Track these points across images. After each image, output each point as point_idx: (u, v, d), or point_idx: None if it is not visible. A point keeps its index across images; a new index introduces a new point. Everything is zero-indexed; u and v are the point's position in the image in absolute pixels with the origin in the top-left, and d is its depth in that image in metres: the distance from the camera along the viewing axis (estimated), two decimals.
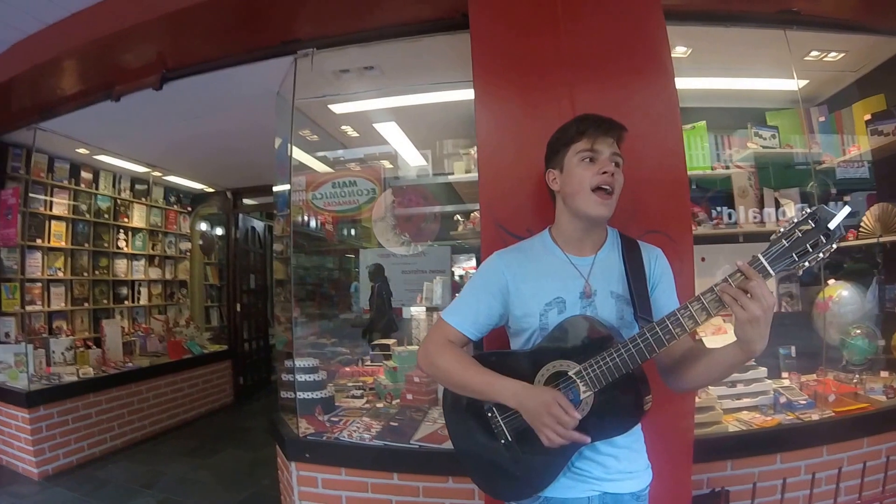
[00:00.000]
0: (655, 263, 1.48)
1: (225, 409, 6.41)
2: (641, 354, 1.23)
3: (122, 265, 6.06)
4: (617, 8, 2.11)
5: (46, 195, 5.09)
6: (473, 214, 3.22)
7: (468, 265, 3.40)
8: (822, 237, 1.08)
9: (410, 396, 2.96)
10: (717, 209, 3.02)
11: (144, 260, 6.37)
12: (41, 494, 3.84)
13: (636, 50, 2.09)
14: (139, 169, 5.97)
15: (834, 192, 3.12)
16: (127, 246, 6.11)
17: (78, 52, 3.20)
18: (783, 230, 1.12)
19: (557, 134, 1.49)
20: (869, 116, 3.09)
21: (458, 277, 3.38)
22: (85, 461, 4.44)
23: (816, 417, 2.51)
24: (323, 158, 3.68)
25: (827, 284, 3.06)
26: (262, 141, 3.55)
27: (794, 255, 1.10)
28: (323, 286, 4.61)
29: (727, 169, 3.13)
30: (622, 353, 1.24)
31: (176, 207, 6.89)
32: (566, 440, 1.24)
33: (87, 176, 5.57)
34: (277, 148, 3.37)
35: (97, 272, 5.71)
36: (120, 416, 4.83)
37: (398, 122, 3.56)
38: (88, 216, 5.59)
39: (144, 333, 5.86)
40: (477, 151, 2.16)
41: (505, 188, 2.04)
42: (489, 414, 1.41)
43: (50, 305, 5.13)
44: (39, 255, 5.01)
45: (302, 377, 3.01)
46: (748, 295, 1.10)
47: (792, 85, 3.09)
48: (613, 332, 1.33)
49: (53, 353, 4.72)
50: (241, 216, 7.16)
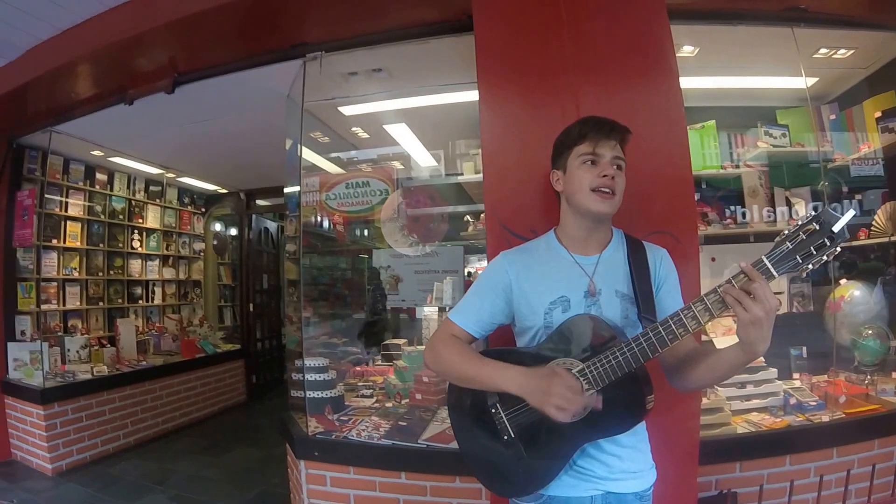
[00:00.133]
0: (661, 264, 1.48)
1: (237, 407, 6.45)
2: (644, 354, 1.23)
3: (136, 265, 6.13)
4: (621, 9, 2.11)
5: (62, 196, 5.16)
6: (483, 215, 3.22)
7: (481, 266, 3.40)
8: (826, 239, 1.09)
9: (419, 396, 2.96)
10: (731, 208, 3.00)
11: (158, 260, 6.44)
12: (54, 490, 3.89)
13: (640, 50, 2.08)
14: (153, 170, 6.03)
15: (845, 190, 3.07)
16: (141, 246, 6.18)
17: (91, 57, 3.24)
18: (787, 232, 1.12)
19: (561, 136, 1.51)
20: (879, 114, 3.04)
21: (469, 277, 3.38)
22: (98, 458, 4.49)
23: (826, 419, 2.48)
24: (336, 160, 3.69)
25: (839, 284, 3.03)
26: (273, 143, 3.57)
27: (797, 257, 1.10)
28: (336, 286, 4.62)
29: (737, 168, 3.10)
30: (625, 352, 1.25)
31: (190, 208, 6.95)
32: (577, 408, 1.24)
33: (101, 177, 5.64)
34: (288, 150, 3.39)
35: (112, 272, 5.78)
36: (133, 413, 4.88)
37: (408, 123, 3.56)
38: (103, 217, 5.66)
39: (158, 332, 5.91)
40: (481, 153, 2.17)
41: (509, 190, 2.05)
42: (493, 410, 1.43)
43: (65, 304, 5.19)
44: (55, 255, 5.08)
45: (311, 376, 3.02)
46: (751, 296, 1.11)
47: (801, 83, 3.05)
48: (617, 331, 1.34)
49: (68, 351, 4.78)
50: (254, 217, 7.20)
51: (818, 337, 3.02)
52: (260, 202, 7.21)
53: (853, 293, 2.97)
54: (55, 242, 5.08)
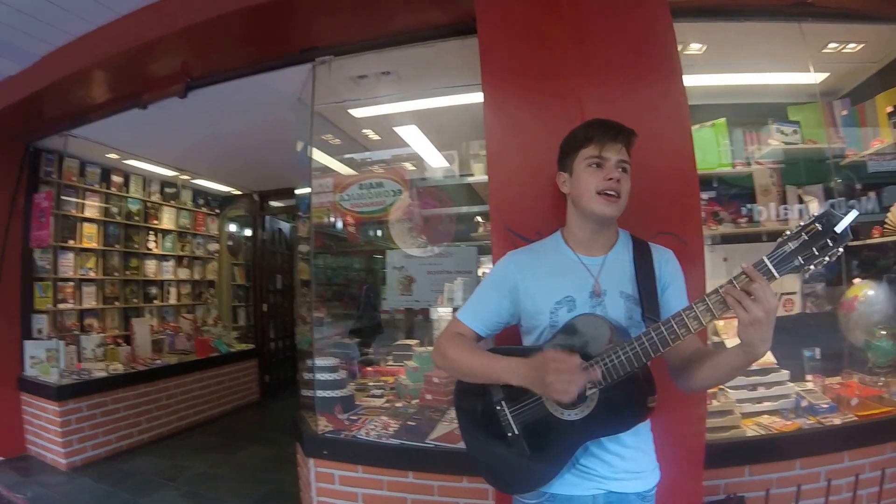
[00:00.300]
0: (666, 265, 1.49)
1: (250, 406, 6.51)
2: (646, 353, 1.24)
3: (151, 266, 6.21)
4: (624, 11, 2.10)
5: (78, 198, 5.25)
6: None
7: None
8: (828, 240, 1.08)
9: (429, 396, 2.96)
10: (747, 206, 2.96)
11: (173, 260, 6.51)
12: (68, 485, 3.95)
13: (644, 52, 2.07)
14: (168, 172, 6.11)
15: (859, 187, 3.02)
16: (157, 247, 6.25)
17: (105, 63, 3.30)
18: (789, 233, 1.12)
19: (567, 138, 1.52)
20: (891, 108, 2.98)
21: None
22: (112, 454, 4.55)
23: (838, 422, 2.43)
24: (349, 160, 3.69)
25: (852, 284, 2.97)
26: (285, 145, 3.60)
27: (799, 258, 1.10)
28: (351, 286, 4.65)
29: (748, 166, 3.05)
30: (627, 351, 1.25)
31: (204, 210, 7.02)
32: (579, 385, 1.23)
33: (117, 179, 5.73)
34: (299, 152, 3.41)
35: (128, 272, 5.87)
36: (147, 411, 4.94)
37: (419, 124, 3.57)
38: (119, 218, 5.74)
39: (173, 332, 5.98)
40: (487, 156, 2.18)
41: (514, 192, 2.05)
42: (497, 408, 1.45)
43: (82, 304, 5.28)
44: (72, 255, 5.17)
45: (322, 376, 3.04)
46: (751, 297, 1.11)
47: (810, 78, 3.01)
48: (620, 330, 1.35)
49: (84, 349, 4.86)
50: (267, 218, 7.26)
51: (832, 338, 2.95)
52: (273, 203, 7.24)
53: (867, 293, 2.89)
54: (72, 243, 5.17)
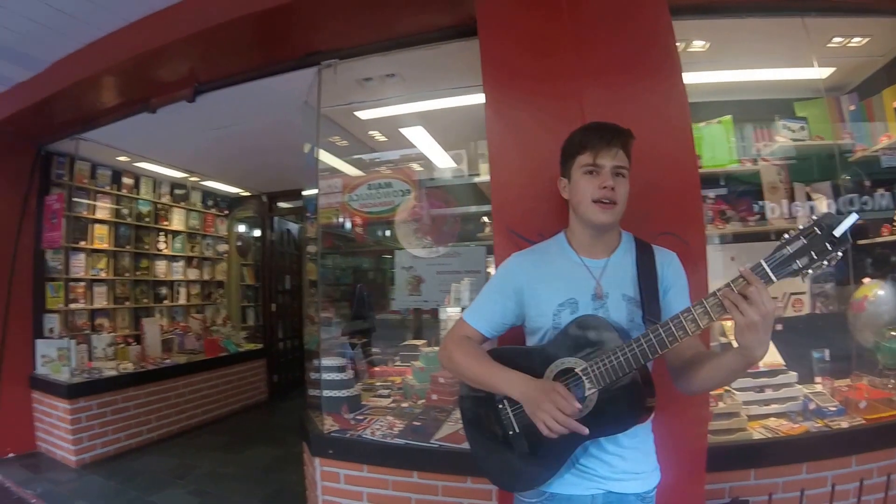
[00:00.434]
0: (668, 267, 1.49)
1: (259, 406, 6.53)
2: (644, 355, 1.25)
3: (161, 266, 6.27)
4: (624, 13, 2.10)
5: (90, 200, 5.31)
6: None
7: None
8: (827, 244, 1.08)
9: (435, 397, 2.96)
10: (759, 203, 2.93)
11: (183, 261, 6.57)
12: (77, 481, 3.99)
13: (644, 54, 2.07)
14: (178, 174, 6.16)
15: (868, 184, 2.94)
16: (167, 248, 6.31)
17: (114, 69, 3.33)
18: (788, 236, 1.13)
19: (566, 143, 1.52)
20: None
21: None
22: (121, 452, 4.59)
23: (846, 425, 2.39)
24: (358, 161, 3.69)
25: (862, 283, 2.91)
26: (293, 147, 3.61)
27: (797, 262, 1.11)
28: (359, 287, 4.65)
29: (755, 164, 3.01)
30: (626, 352, 1.26)
31: (213, 211, 7.08)
32: (564, 428, 1.26)
33: (128, 181, 5.79)
34: (307, 154, 3.42)
35: (138, 273, 5.93)
36: (157, 409, 4.98)
37: (425, 125, 3.56)
38: (130, 220, 5.81)
39: (182, 331, 6.02)
40: (488, 158, 2.18)
41: (516, 194, 2.06)
42: (500, 406, 1.46)
43: (93, 304, 5.34)
44: (83, 256, 5.24)
45: (328, 376, 3.05)
46: (748, 301, 1.11)
47: (816, 74, 2.96)
48: (621, 332, 1.35)
49: (95, 348, 4.92)
50: (276, 219, 7.30)
51: (842, 339, 2.90)
52: (282, 204, 7.28)
53: (877, 293, 2.84)
54: (83, 244, 5.24)
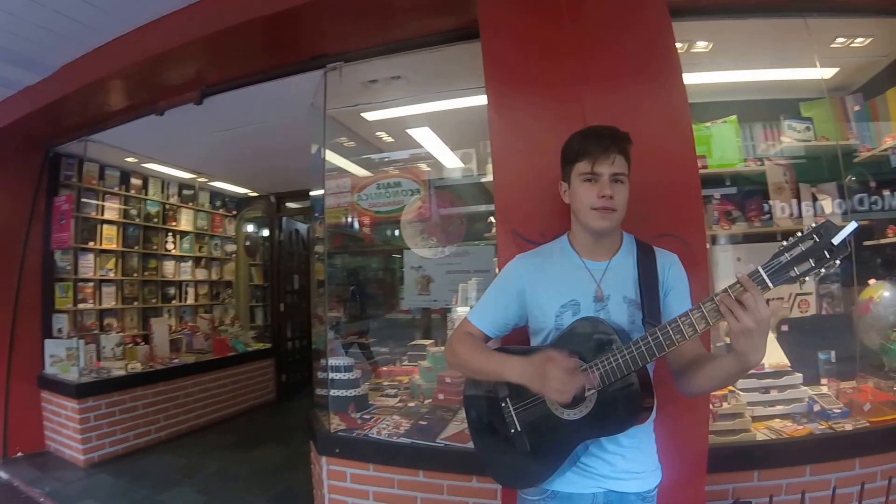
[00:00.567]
0: (669, 270, 1.50)
1: (267, 405, 6.55)
2: (642, 357, 1.26)
3: (170, 266, 6.30)
4: (625, 17, 2.10)
5: (98, 201, 5.35)
6: None
7: None
8: (825, 252, 1.09)
9: (442, 396, 2.98)
10: (768, 203, 2.93)
11: (191, 261, 6.60)
12: (86, 480, 4.03)
13: (645, 56, 2.07)
14: (186, 175, 6.20)
15: (873, 184, 2.93)
16: (175, 248, 6.34)
17: (122, 72, 3.37)
18: (786, 243, 1.13)
19: (565, 147, 1.53)
20: None
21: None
22: (129, 451, 4.62)
23: (850, 427, 2.38)
24: (366, 161, 3.69)
25: (867, 285, 2.90)
26: (300, 148, 3.62)
27: (795, 269, 1.11)
28: (369, 286, 4.67)
29: (761, 164, 3.01)
30: (625, 354, 1.28)
31: (221, 211, 7.11)
32: (574, 388, 1.28)
33: (136, 182, 5.83)
34: (314, 154, 3.43)
35: (146, 273, 5.96)
36: (165, 409, 5.01)
37: (431, 126, 3.58)
38: (138, 220, 5.84)
39: (191, 331, 6.04)
40: (491, 160, 2.19)
41: (519, 195, 2.07)
42: (502, 405, 1.49)
43: (101, 304, 5.37)
44: (92, 256, 5.27)
45: (336, 375, 3.06)
46: (743, 307, 1.12)
47: (820, 74, 2.95)
48: (620, 334, 1.37)
49: (103, 348, 4.97)
50: (284, 219, 7.31)
51: (848, 340, 2.89)
52: (290, 205, 7.30)
53: (883, 294, 2.83)
54: (92, 245, 5.28)
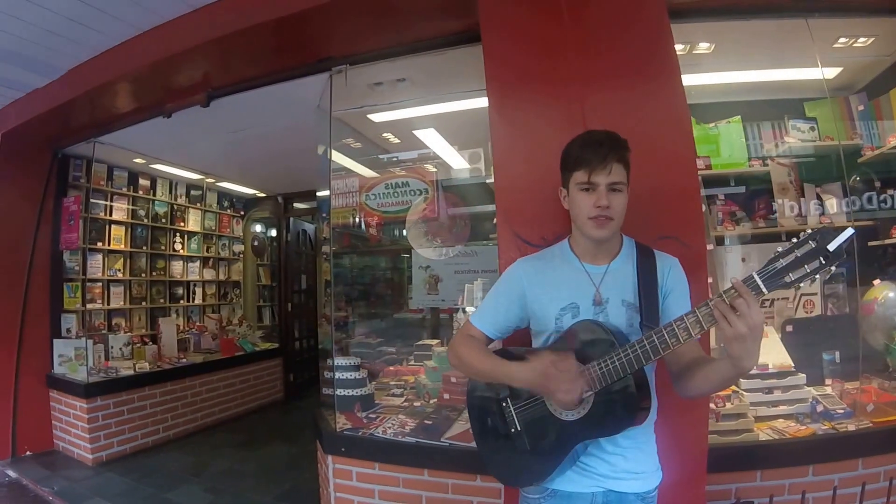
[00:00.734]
0: (669, 273, 1.51)
1: (275, 404, 6.58)
2: (638, 360, 1.28)
3: (178, 266, 6.33)
4: (625, 18, 2.11)
5: (107, 201, 5.40)
6: None
7: None
8: (821, 258, 1.10)
9: (447, 396, 2.99)
10: (778, 202, 2.93)
11: (199, 262, 6.64)
12: (94, 479, 4.07)
13: (644, 58, 2.08)
14: (193, 176, 6.23)
15: (878, 184, 2.93)
16: (183, 248, 6.37)
17: (129, 75, 3.41)
18: (781, 249, 1.14)
19: (563, 154, 1.53)
20: None
21: None
22: (137, 450, 4.66)
23: (853, 428, 2.38)
24: (373, 162, 3.70)
25: (872, 285, 2.89)
26: (307, 149, 3.64)
27: (790, 275, 1.12)
28: (376, 286, 4.67)
29: (765, 165, 3.01)
30: (622, 357, 1.29)
31: (229, 212, 7.14)
32: (580, 389, 1.31)
33: (144, 183, 5.86)
34: (320, 155, 3.45)
35: (154, 273, 6.00)
36: (173, 408, 5.05)
37: (437, 127, 3.57)
38: (146, 221, 5.87)
39: (198, 331, 6.09)
40: (493, 163, 2.20)
41: (520, 198, 2.08)
42: (503, 404, 1.52)
43: (109, 304, 5.41)
44: (100, 257, 5.31)
45: (342, 375, 3.08)
46: (736, 312, 1.13)
47: (823, 74, 2.93)
48: (618, 337, 1.38)
49: (112, 348, 5.00)
50: (291, 219, 7.33)
51: (853, 341, 2.87)
52: (297, 205, 7.32)
53: (887, 294, 2.83)
54: (100, 245, 5.32)
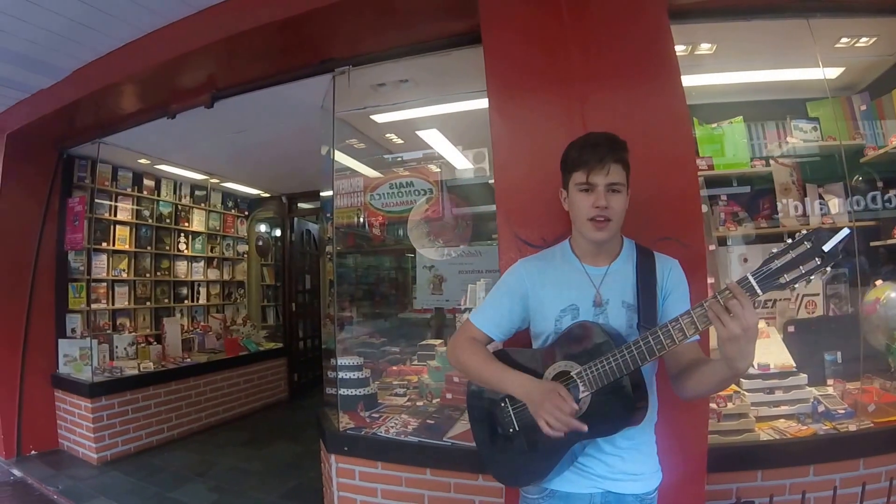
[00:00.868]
0: (669, 275, 1.51)
1: (279, 404, 6.59)
2: (634, 361, 1.29)
3: (182, 267, 6.37)
4: (624, 19, 2.12)
5: (111, 202, 5.43)
6: None
7: None
8: (816, 259, 1.10)
9: (450, 395, 3.00)
10: (782, 202, 2.92)
11: (203, 262, 6.67)
12: (99, 478, 4.09)
13: (644, 59, 2.09)
14: (198, 176, 6.26)
15: (880, 184, 2.91)
16: (187, 248, 6.41)
17: (134, 77, 3.44)
18: (776, 250, 1.14)
19: (563, 155, 1.54)
20: None
21: None
22: (142, 449, 4.68)
23: (854, 428, 2.37)
24: (378, 162, 3.68)
25: (874, 285, 2.89)
26: (311, 149, 3.66)
27: (785, 276, 1.13)
28: (380, 286, 4.68)
29: (767, 165, 3.00)
30: (618, 358, 1.30)
31: (233, 212, 7.17)
32: (564, 427, 1.31)
33: (149, 183, 5.89)
34: (324, 156, 3.46)
35: (159, 273, 6.03)
36: (177, 408, 5.06)
37: (440, 127, 3.57)
38: (151, 221, 5.91)
39: (203, 331, 6.10)
40: (493, 164, 2.21)
41: (521, 199, 2.09)
42: (502, 404, 1.53)
43: (114, 304, 5.45)
44: (105, 257, 5.35)
45: (345, 374, 3.09)
46: (731, 314, 1.14)
47: (824, 74, 2.93)
48: (616, 338, 1.39)
49: (116, 348, 5.01)
50: (295, 219, 7.34)
51: (855, 341, 2.86)
52: (302, 205, 7.33)
53: (889, 295, 2.83)
54: (105, 245, 5.35)
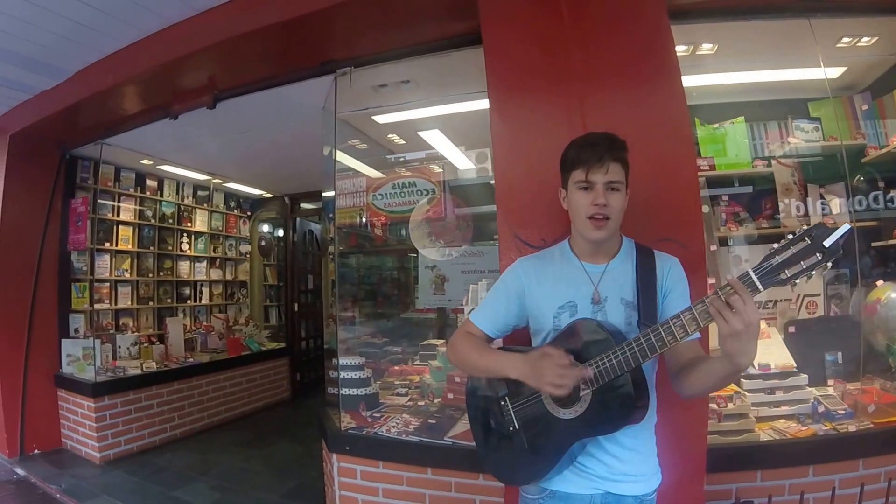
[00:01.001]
0: (669, 273, 1.52)
1: (282, 404, 6.60)
2: (635, 358, 1.29)
3: (185, 267, 6.39)
4: (624, 20, 2.12)
5: (114, 202, 5.45)
6: None
7: None
8: (817, 254, 1.11)
9: (451, 395, 3.00)
10: (784, 202, 2.92)
11: (206, 262, 6.69)
12: (101, 477, 4.11)
13: (644, 60, 2.09)
14: (200, 177, 6.28)
15: (882, 184, 2.91)
16: (190, 249, 6.43)
17: (136, 78, 3.45)
18: (776, 246, 1.15)
19: (563, 154, 1.55)
20: None
21: None
22: (145, 448, 4.69)
23: (853, 428, 2.37)
24: (380, 162, 3.69)
25: (875, 286, 2.89)
26: (313, 150, 3.67)
27: (786, 271, 1.13)
28: (383, 286, 4.68)
29: (768, 166, 3.00)
30: (618, 355, 1.30)
31: (236, 212, 7.19)
32: (570, 381, 1.31)
33: (151, 184, 5.92)
34: (326, 156, 3.46)
35: (161, 273, 6.06)
36: (180, 407, 5.08)
37: (442, 128, 3.58)
38: (154, 221, 5.93)
39: (205, 331, 6.13)
40: (493, 164, 2.22)
41: (521, 199, 2.09)
42: (501, 403, 1.53)
43: (117, 304, 5.47)
44: (108, 257, 5.38)
45: (346, 374, 3.09)
46: (732, 310, 1.14)
47: (826, 74, 2.92)
48: (615, 335, 1.39)
49: (119, 347, 5.04)
50: (298, 220, 7.37)
51: (855, 341, 2.86)
52: (304, 205, 7.35)
53: (890, 295, 2.82)
54: (108, 245, 5.37)
